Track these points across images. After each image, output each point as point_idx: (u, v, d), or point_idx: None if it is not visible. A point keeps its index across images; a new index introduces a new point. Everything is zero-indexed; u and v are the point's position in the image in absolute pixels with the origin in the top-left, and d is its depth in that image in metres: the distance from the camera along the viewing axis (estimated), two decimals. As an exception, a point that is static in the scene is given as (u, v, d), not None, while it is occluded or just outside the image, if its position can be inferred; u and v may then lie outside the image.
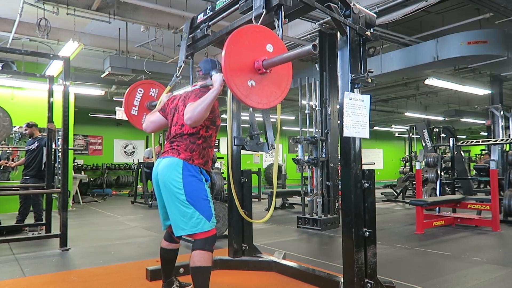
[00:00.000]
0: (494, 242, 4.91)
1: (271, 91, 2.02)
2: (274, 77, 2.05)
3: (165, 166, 2.43)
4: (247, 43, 1.95)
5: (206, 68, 2.64)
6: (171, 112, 2.61)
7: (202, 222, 2.34)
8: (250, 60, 1.95)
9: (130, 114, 3.22)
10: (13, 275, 3.48)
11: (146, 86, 3.31)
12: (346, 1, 2.59)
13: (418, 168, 6.48)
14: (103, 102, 12.91)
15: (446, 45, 6.76)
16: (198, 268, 2.30)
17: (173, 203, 2.38)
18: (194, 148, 2.44)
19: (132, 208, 9.41)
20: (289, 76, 2.14)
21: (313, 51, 1.79)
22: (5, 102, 7.81)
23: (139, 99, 3.26)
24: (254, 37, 2.01)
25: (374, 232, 2.56)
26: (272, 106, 2.08)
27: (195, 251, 2.33)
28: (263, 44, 2.03)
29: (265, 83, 2.00)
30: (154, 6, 6.05)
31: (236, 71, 1.88)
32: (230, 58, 1.87)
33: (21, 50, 4.92)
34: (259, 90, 1.96)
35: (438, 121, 16.12)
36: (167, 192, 2.40)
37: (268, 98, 2.00)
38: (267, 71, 1.99)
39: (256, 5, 2.34)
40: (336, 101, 6.14)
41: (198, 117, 2.23)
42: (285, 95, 2.10)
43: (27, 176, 5.69)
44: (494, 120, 9.74)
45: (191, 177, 2.38)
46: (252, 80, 1.94)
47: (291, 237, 5.35)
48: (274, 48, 2.05)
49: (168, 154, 2.47)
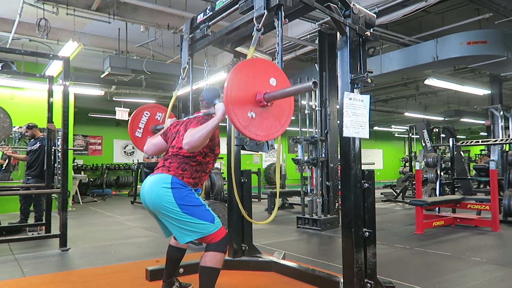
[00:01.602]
0: (494, 242, 4.91)
1: (271, 124, 2.03)
2: (275, 110, 2.06)
3: (152, 184, 2.37)
4: (250, 75, 1.97)
5: (209, 97, 2.64)
6: (172, 136, 2.61)
7: (205, 226, 2.33)
8: (252, 92, 1.96)
9: (134, 136, 3.25)
10: (12, 275, 3.48)
11: (153, 109, 3.35)
12: (346, 1, 2.59)
13: (418, 168, 6.48)
14: (103, 102, 12.91)
15: (446, 45, 6.77)
16: (207, 268, 2.31)
17: (169, 219, 2.34)
18: (187, 168, 2.41)
19: (132, 208, 9.41)
20: (290, 110, 2.15)
21: (313, 88, 1.81)
22: (5, 102, 7.80)
23: (145, 122, 3.29)
24: (258, 70, 2.02)
25: (374, 232, 2.56)
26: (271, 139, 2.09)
27: (208, 252, 2.34)
28: (267, 77, 2.04)
29: (265, 115, 2.01)
30: (154, 6, 6.05)
31: (237, 102, 1.90)
32: (232, 88, 1.88)
33: (21, 50, 4.92)
34: (259, 122, 1.98)
35: (437, 121, 16.13)
36: (159, 212, 2.35)
37: (267, 130, 2.01)
38: (269, 104, 2.01)
39: (257, 5, 2.33)
40: (336, 101, 6.14)
41: (197, 143, 2.21)
42: (285, 128, 2.11)
43: (29, 176, 5.69)
44: (494, 120, 9.75)
45: (180, 188, 2.33)
46: (252, 111, 1.95)
47: (291, 237, 5.35)
48: (278, 82, 2.07)
49: (157, 172, 2.43)
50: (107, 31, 7.50)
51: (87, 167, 14.61)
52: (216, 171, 5.81)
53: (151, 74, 8.38)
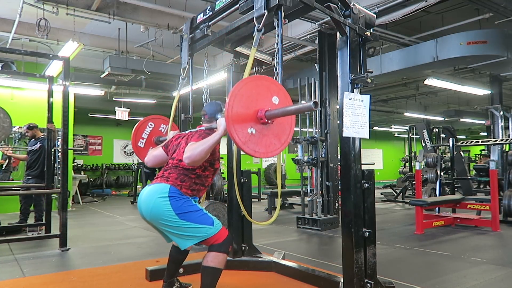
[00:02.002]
0: (494, 242, 4.91)
1: (270, 141, 2.04)
2: (276, 129, 2.07)
3: (149, 195, 2.35)
4: (254, 92, 1.99)
5: (211, 111, 2.64)
6: (173, 148, 2.61)
7: (205, 229, 2.33)
8: (253, 109, 1.97)
9: (137, 146, 3.28)
10: (12, 275, 3.48)
11: (157, 121, 3.38)
12: (346, 1, 2.59)
13: (418, 168, 6.48)
14: (102, 102, 12.91)
15: (446, 45, 6.77)
16: (209, 268, 2.32)
17: (168, 228, 2.34)
18: (186, 180, 2.40)
19: (132, 208, 9.41)
20: (291, 130, 2.16)
21: (313, 108, 1.83)
22: (5, 102, 7.80)
23: (148, 133, 3.33)
24: (262, 87, 2.04)
25: (374, 232, 2.56)
26: (269, 157, 2.10)
27: (211, 252, 2.35)
28: (270, 95, 2.05)
29: (265, 133, 2.02)
30: (154, 6, 6.05)
31: (238, 118, 1.91)
32: (234, 104, 1.89)
33: (21, 50, 4.92)
34: (259, 139, 1.98)
35: (437, 121, 16.12)
36: (157, 222, 2.35)
37: (266, 148, 2.02)
38: (269, 122, 2.02)
39: (257, 5, 2.32)
40: (336, 101, 6.14)
41: (198, 157, 2.21)
42: (284, 147, 2.11)
43: (30, 176, 5.69)
44: (494, 120, 9.75)
45: (177, 198, 2.33)
46: (253, 128, 1.96)
47: (291, 237, 5.35)
48: (280, 100, 2.08)
49: (156, 181, 2.43)
50: (107, 31, 7.50)
51: (87, 167, 14.61)
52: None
53: (151, 74, 8.38)
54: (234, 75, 3.72)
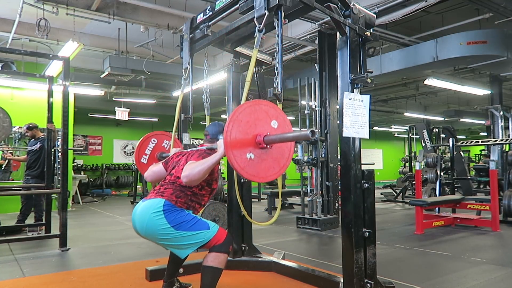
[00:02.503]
0: (494, 242, 4.91)
1: (269, 166, 2.04)
2: (274, 153, 2.08)
3: (143, 211, 2.33)
4: (252, 117, 2.00)
5: (213, 132, 2.66)
6: (172, 165, 2.62)
7: (203, 234, 2.34)
8: (252, 134, 1.98)
9: (140, 162, 3.30)
10: (12, 275, 3.48)
11: (160, 137, 3.40)
12: (346, 1, 2.59)
13: (418, 168, 6.48)
14: (102, 102, 12.92)
15: (446, 45, 6.76)
16: (209, 268, 2.33)
17: (165, 241, 2.34)
18: (181, 196, 2.40)
19: (132, 208, 9.37)
20: (289, 154, 2.17)
21: (310, 137, 1.85)
22: (5, 102, 7.81)
23: (151, 149, 3.35)
24: (261, 112, 2.05)
25: (374, 232, 2.56)
26: (268, 181, 2.11)
27: (212, 252, 2.36)
28: (269, 119, 2.06)
29: (264, 157, 2.02)
30: (154, 6, 6.05)
31: (237, 144, 1.91)
32: (233, 129, 1.90)
33: (21, 50, 4.92)
34: (257, 164, 1.99)
35: (437, 121, 16.13)
36: (154, 238, 2.34)
37: (265, 172, 2.02)
38: (268, 147, 2.03)
39: (258, 6, 2.32)
40: (336, 101, 6.14)
41: (196, 176, 2.23)
42: (283, 171, 2.12)
43: (29, 177, 5.69)
44: (494, 120, 9.75)
45: (172, 211, 2.32)
46: (251, 153, 1.97)
47: (291, 237, 5.35)
48: (279, 124, 2.09)
49: (150, 197, 2.41)
50: (107, 31, 7.50)
51: (87, 167, 14.61)
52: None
53: (151, 74, 8.38)
54: (234, 75, 3.72)
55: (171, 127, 3.37)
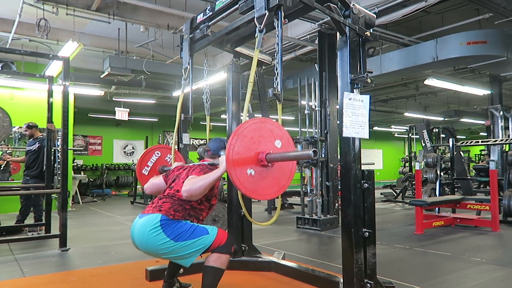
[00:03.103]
0: (494, 242, 4.92)
1: (269, 184, 2.04)
2: (275, 172, 2.07)
3: (141, 228, 2.31)
4: (257, 134, 2.00)
5: (215, 148, 2.66)
6: (172, 178, 2.61)
7: (203, 239, 2.34)
8: (255, 151, 1.98)
9: (141, 173, 3.33)
10: (12, 275, 3.48)
11: (164, 150, 3.45)
12: (346, 2, 2.59)
13: (418, 168, 6.48)
14: (102, 102, 12.92)
15: (446, 46, 6.76)
16: (211, 268, 2.33)
17: (167, 255, 2.34)
18: (179, 210, 2.39)
19: (132, 208, 9.41)
20: (291, 174, 2.16)
21: (313, 157, 1.85)
22: (5, 102, 7.80)
23: (154, 161, 3.38)
24: (265, 130, 2.04)
25: (374, 232, 2.56)
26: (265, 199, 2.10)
27: (214, 253, 2.36)
28: (273, 138, 2.06)
29: (264, 175, 2.01)
30: (154, 6, 6.05)
31: (239, 158, 1.91)
32: (236, 144, 1.91)
33: (21, 51, 4.92)
34: (257, 181, 1.98)
35: (437, 122, 16.12)
36: (155, 254, 2.34)
37: (264, 190, 2.01)
38: (270, 165, 2.02)
39: (258, 6, 2.32)
40: (336, 101, 6.14)
41: (197, 191, 2.23)
42: (282, 191, 2.11)
43: (28, 177, 5.68)
44: (494, 121, 9.74)
45: (169, 224, 2.30)
46: (252, 169, 1.96)
47: (291, 238, 5.35)
48: (283, 144, 2.09)
49: (148, 212, 2.39)
50: (107, 31, 7.50)
51: (87, 167, 14.60)
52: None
53: (151, 74, 8.38)
54: (234, 75, 3.72)
55: (171, 127, 3.39)
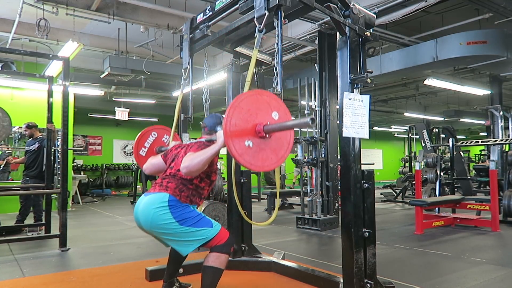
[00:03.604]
0: (494, 242, 4.92)
1: (267, 155, 2.04)
2: (273, 143, 2.07)
3: (147, 205, 2.33)
4: (254, 107, 1.99)
5: (210, 124, 2.65)
6: (171, 157, 2.62)
7: (206, 232, 2.34)
8: (252, 123, 1.98)
9: (138, 154, 3.31)
10: (12, 275, 3.48)
11: (160, 131, 3.40)
12: (346, 2, 2.59)
13: (418, 168, 6.48)
14: (102, 102, 12.92)
15: (446, 46, 6.77)
16: (210, 268, 2.33)
17: (168, 236, 2.34)
18: (184, 190, 2.41)
19: (132, 208, 9.39)
20: (289, 145, 2.16)
21: (310, 124, 1.84)
22: (5, 102, 7.80)
23: (151, 142, 3.35)
24: (262, 102, 2.04)
25: (374, 232, 2.56)
26: (264, 170, 2.10)
27: (213, 252, 2.36)
28: (270, 110, 2.06)
29: (263, 146, 2.02)
30: (154, 6, 6.05)
31: (236, 130, 1.91)
32: (233, 116, 1.90)
33: (21, 51, 4.93)
34: (255, 152, 1.98)
35: (437, 122, 16.13)
36: (157, 232, 2.34)
37: (263, 162, 2.02)
38: (267, 136, 2.02)
39: (258, 6, 2.32)
40: (336, 101, 6.14)
41: (195, 167, 2.23)
42: (281, 162, 2.11)
43: (28, 177, 5.69)
44: (494, 121, 9.75)
45: (177, 206, 2.33)
46: (250, 141, 1.96)
47: (291, 238, 5.35)
48: (280, 116, 2.09)
49: (155, 190, 2.41)
50: (107, 31, 7.50)
51: (87, 167, 14.61)
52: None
53: (151, 74, 8.38)
54: (234, 75, 3.72)
55: (171, 127, 3.37)
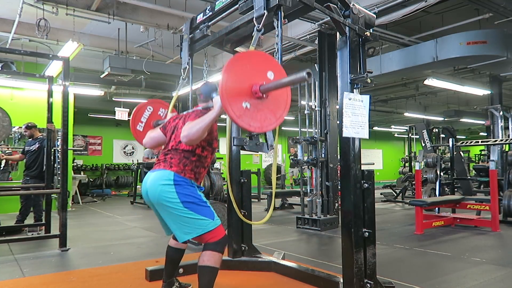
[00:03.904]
0: (494, 242, 4.92)
1: (265, 116, 2.03)
2: (270, 103, 2.06)
3: (155, 180, 2.37)
4: (248, 67, 1.97)
5: (206, 91, 2.63)
6: (171, 129, 2.62)
7: (206, 222, 2.33)
8: (248, 84, 1.96)
9: (135, 129, 3.26)
10: (12, 275, 3.48)
11: (156, 105, 3.36)
12: (346, 2, 2.59)
13: (418, 168, 6.48)
14: (102, 102, 12.91)
15: (446, 46, 6.76)
16: (206, 268, 2.32)
17: (171, 215, 2.35)
18: (187, 164, 2.42)
19: (132, 208, 9.41)
20: (286, 104, 2.15)
21: (307, 78, 1.81)
22: (5, 102, 7.80)
23: (147, 117, 3.31)
24: (256, 62, 2.02)
25: (374, 232, 2.56)
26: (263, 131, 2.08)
27: (206, 251, 2.34)
28: (265, 70, 2.04)
29: (260, 107, 2.01)
30: (154, 6, 6.05)
31: (233, 92, 1.90)
32: (229, 78, 1.88)
33: (21, 51, 4.92)
34: (253, 113, 1.97)
35: (437, 122, 16.13)
36: (161, 208, 2.37)
37: (262, 122, 2.01)
38: (264, 96, 2.01)
39: (257, 6, 2.33)
40: (336, 101, 6.14)
41: (195, 135, 2.23)
42: (280, 122, 2.10)
43: (28, 177, 5.69)
44: (494, 121, 9.74)
45: (183, 185, 2.35)
46: (247, 102, 1.95)
47: (291, 238, 5.35)
48: (275, 75, 2.07)
49: (160, 167, 2.43)
50: (107, 31, 7.50)
51: (87, 167, 14.61)
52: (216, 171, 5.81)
53: (151, 74, 8.38)
54: (233, 75, 3.71)
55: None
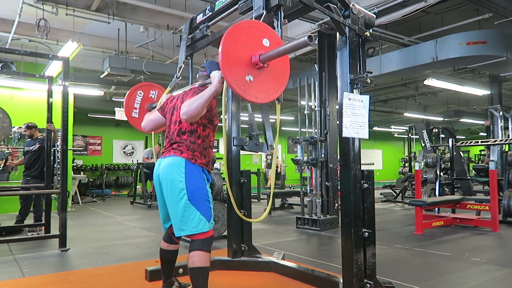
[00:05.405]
0: (493, 242, 4.92)
1: (269, 85, 2.03)
2: (272, 72, 2.05)
3: (168, 165, 2.40)
4: (243, 39, 1.95)
5: (211, 68, 2.59)
6: (170, 111, 2.61)
7: (202, 223, 2.34)
8: (247, 55, 1.95)
9: (131, 117, 3.24)
10: (12, 275, 3.48)
11: (146, 88, 3.33)
12: (345, 2, 2.59)
13: (417, 168, 6.48)
14: (102, 102, 12.91)
15: (445, 46, 6.77)
16: (197, 269, 2.31)
17: (174, 203, 2.36)
18: (195, 148, 2.44)
19: (132, 208, 9.40)
20: (286, 70, 2.14)
21: (309, 42, 1.78)
22: (4, 102, 7.79)
23: (140, 102, 3.28)
24: (250, 32, 2.00)
25: (373, 232, 2.56)
26: (271, 100, 2.07)
27: (194, 251, 2.33)
28: (259, 39, 2.03)
29: (263, 77, 2.00)
30: (153, 6, 6.05)
31: (234, 67, 1.88)
32: (227, 53, 1.86)
33: (20, 51, 4.93)
34: (257, 85, 1.96)
35: (437, 122, 16.14)
36: (169, 191, 2.39)
37: (267, 92, 2.00)
38: (265, 66, 1.99)
39: (256, 5, 2.33)
40: (336, 101, 6.14)
41: (195, 112, 2.22)
42: (283, 88, 2.09)
43: (29, 177, 5.68)
44: (493, 121, 9.75)
45: (194, 176, 2.37)
46: (250, 75, 1.94)
47: (290, 238, 5.35)
48: (271, 42, 2.05)
49: (170, 153, 2.44)
50: (107, 31, 7.50)
51: (87, 168, 14.60)
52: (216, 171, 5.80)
53: (151, 74, 8.38)
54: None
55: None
